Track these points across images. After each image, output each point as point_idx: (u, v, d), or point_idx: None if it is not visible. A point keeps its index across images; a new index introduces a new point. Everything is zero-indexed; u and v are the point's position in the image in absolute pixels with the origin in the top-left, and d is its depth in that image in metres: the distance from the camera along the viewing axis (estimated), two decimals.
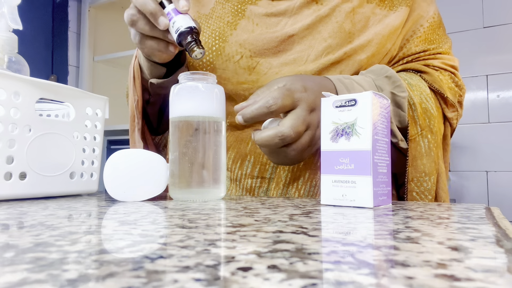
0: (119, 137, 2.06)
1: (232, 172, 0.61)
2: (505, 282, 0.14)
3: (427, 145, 0.54)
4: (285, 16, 0.61)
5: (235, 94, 0.61)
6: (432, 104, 0.57)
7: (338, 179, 0.39)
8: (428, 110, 0.56)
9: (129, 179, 0.45)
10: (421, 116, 0.55)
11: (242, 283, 0.14)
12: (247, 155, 0.60)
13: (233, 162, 0.61)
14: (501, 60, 1.70)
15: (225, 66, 0.60)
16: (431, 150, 0.54)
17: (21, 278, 0.15)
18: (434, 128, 0.55)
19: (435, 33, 0.63)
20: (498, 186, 1.69)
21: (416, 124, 0.54)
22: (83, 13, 2.19)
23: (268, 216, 0.32)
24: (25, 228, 0.26)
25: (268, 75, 0.59)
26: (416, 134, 0.54)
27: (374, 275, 0.15)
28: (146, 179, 0.46)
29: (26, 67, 0.58)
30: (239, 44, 0.59)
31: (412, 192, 0.54)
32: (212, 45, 0.61)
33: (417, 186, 0.54)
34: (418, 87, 0.57)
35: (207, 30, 0.63)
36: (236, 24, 0.61)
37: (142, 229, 0.25)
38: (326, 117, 0.41)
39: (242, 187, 0.60)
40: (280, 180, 0.58)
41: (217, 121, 0.47)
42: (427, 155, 0.54)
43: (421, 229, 0.25)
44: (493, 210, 0.35)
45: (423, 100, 0.56)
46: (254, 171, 0.59)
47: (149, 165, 0.46)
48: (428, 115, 0.55)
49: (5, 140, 0.45)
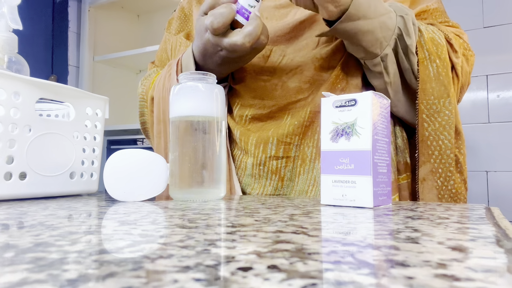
0: (119, 137, 2.06)
1: (256, 157, 0.60)
2: (505, 282, 0.14)
3: (435, 69, 0.54)
4: (293, 7, 0.61)
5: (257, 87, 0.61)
6: (440, 37, 0.56)
7: (338, 179, 0.39)
8: (435, 39, 0.55)
9: (129, 179, 0.45)
10: (428, 42, 0.54)
11: (242, 283, 0.14)
12: (269, 137, 0.60)
13: (255, 147, 0.60)
14: (501, 60, 1.70)
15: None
16: (439, 74, 0.54)
17: (21, 278, 0.15)
18: (442, 55, 0.54)
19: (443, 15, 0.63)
20: (498, 186, 1.69)
21: (423, 48, 0.54)
22: (83, 13, 2.18)
23: (268, 216, 0.32)
24: (25, 228, 0.26)
25: (283, 64, 0.60)
26: (424, 58, 0.54)
27: (374, 275, 0.15)
28: (146, 179, 0.46)
29: (26, 67, 0.58)
30: None
31: (422, 114, 0.54)
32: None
33: (426, 109, 0.54)
34: (424, 25, 0.57)
35: None
36: None
37: (142, 229, 0.25)
38: (326, 117, 0.41)
39: (268, 170, 0.60)
40: (306, 156, 0.58)
41: (217, 121, 0.47)
42: (436, 79, 0.54)
43: (421, 229, 0.25)
44: (493, 210, 0.35)
45: (430, 32, 0.55)
46: (279, 152, 0.59)
47: (149, 165, 0.46)
48: (435, 43, 0.55)
49: (5, 140, 0.45)
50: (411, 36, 0.52)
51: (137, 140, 2.03)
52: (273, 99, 0.61)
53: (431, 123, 0.54)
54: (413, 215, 0.32)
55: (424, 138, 0.54)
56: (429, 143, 0.54)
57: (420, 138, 0.54)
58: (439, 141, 0.54)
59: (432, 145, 0.54)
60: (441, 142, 0.54)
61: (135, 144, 2.02)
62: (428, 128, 0.54)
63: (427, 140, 0.54)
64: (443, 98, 0.53)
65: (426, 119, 0.54)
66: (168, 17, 0.83)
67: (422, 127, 0.54)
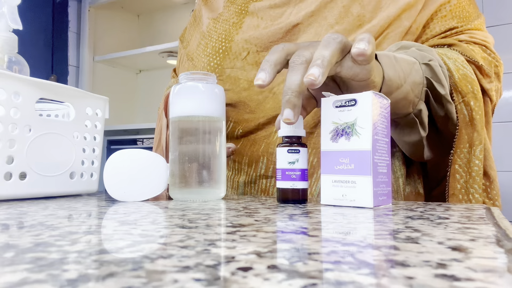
0: (119, 137, 2.06)
1: (248, 175, 0.61)
2: (505, 282, 0.14)
3: (469, 113, 0.49)
4: (289, 6, 0.59)
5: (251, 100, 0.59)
6: (470, 70, 0.51)
7: (338, 179, 0.39)
8: (468, 76, 0.50)
9: (129, 179, 0.45)
10: (461, 82, 0.50)
11: (242, 283, 0.14)
12: (260, 156, 0.59)
13: (248, 166, 0.61)
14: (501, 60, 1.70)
15: (233, 64, 0.59)
16: (474, 118, 0.49)
17: (21, 278, 0.15)
18: (478, 94, 0.50)
19: (464, 10, 0.57)
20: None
21: (456, 90, 0.50)
22: (83, 13, 2.19)
23: (268, 216, 0.32)
24: (25, 228, 0.26)
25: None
26: (458, 102, 0.50)
27: (374, 275, 0.15)
28: (146, 179, 0.45)
29: (26, 67, 0.58)
30: (244, 40, 0.59)
31: (455, 165, 0.50)
32: (219, 47, 0.61)
33: (460, 159, 0.50)
34: (449, 56, 0.52)
35: (215, 34, 0.63)
36: (241, 23, 0.61)
37: (142, 229, 0.25)
38: (326, 117, 0.41)
39: (258, 188, 0.60)
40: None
41: (217, 121, 0.47)
42: (470, 125, 0.49)
43: (421, 229, 0.25)
44: (493, 210, 0.35)
45: (460, 67, 0.51)
46: (268, 172, 0.59)
47: (149, 165, 0.46)
48: (469, 81, 0.50)
49: (5, 140, 0.45)
50: (444, 84, 0.48)
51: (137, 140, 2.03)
52: (263, 111, 0.58)
53: (464, 174, 0.50)
54: (413, 215, 0.32)
55: (456, 192, 0.50)
56: (460, 197, 0.50)
57: (451, 192, 0.50)
58: (470, 195, 0.50)
59: (463, 199, 0.50)
60: (471, 196, 0.50)
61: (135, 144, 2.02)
62: (460, 180, 0.50)
63: (458, 194, 0.50)
64: (475, 145, 0.49)
65: (459, 170, 0.50)
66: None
67: (454, 179, 0.50)
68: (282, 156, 0.42)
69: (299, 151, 0.42)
